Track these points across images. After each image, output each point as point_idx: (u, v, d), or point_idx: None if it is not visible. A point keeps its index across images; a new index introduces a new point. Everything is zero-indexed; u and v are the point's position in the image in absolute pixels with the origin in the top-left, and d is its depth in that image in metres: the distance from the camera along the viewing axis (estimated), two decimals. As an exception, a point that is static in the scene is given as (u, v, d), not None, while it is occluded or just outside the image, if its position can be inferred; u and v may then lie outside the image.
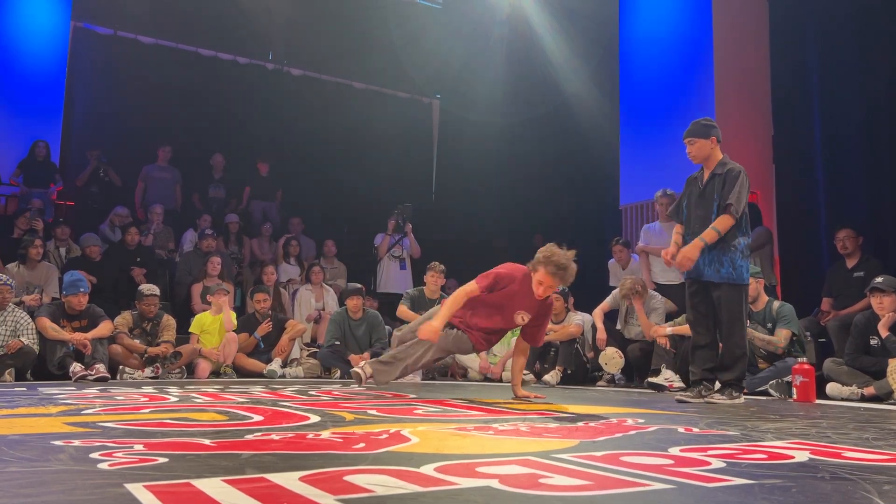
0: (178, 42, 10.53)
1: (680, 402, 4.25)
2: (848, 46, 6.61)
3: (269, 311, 7.04)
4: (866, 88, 6.42)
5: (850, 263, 6.02)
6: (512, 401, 4.25)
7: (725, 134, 7.10)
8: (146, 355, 6.18)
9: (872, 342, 4.98)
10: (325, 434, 2.50)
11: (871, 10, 6.40)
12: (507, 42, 10.77)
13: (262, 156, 10.19)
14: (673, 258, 4.35)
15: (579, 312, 6.88)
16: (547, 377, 6.25)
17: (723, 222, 4.15)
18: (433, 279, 6.87)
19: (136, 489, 1.49)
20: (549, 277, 4.05)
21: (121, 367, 6.07)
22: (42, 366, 5.75)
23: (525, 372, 6.29)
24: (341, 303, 7.40)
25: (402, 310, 6.84)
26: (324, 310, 7.93)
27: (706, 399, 4.25)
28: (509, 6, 10.41)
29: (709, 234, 4.15)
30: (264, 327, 6.85)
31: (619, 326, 6.47)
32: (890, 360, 4.58)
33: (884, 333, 4.83)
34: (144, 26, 10.12)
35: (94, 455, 1.93)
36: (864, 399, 4.74)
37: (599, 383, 6.36)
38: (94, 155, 9.15)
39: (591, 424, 2.93)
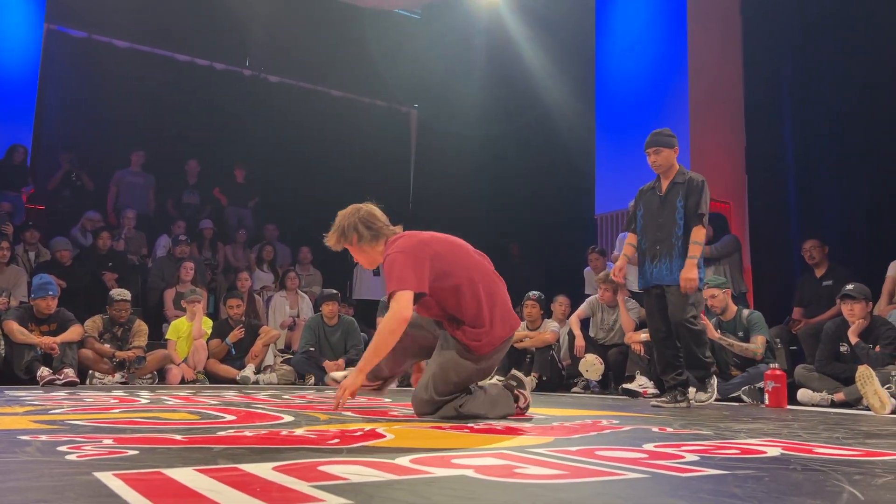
0: (154, 47, 10.44)
1: (655, 407, 4.28)
2: (819, 58, 6.76)
3: (242, 318, 6.97)
4: (837, 99, 6.56)
5: (819, 273, 6.13)
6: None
7: (699, 144, 7.27)
8: (115, 359, 6.08)
9: (842, 349, 5.05)
10: (299, 431, 2.47)
11: (842, 22, 6.54)
12: (486, 52, 10.84)
13: (238, 162, 10.13)
14: (619, 271, 4.59)
15: (554, 320, 6.90)
16: (522, 384, 6.24)
17: (698, 233, 4.25)
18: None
19: (106, 477, 1.46)
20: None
21: (90, 371, 5.97)
22: (9, 370, 5.63)
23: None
24: (317, 310, 7.36)
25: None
26: (298, 317, 7.87)
27: (681, 403, 4.28)
28: (488, 17, 10.48)
29: (695, 250, 4.22)
30: (236, 333, 6.77)
31: (593, 333, 6.50)
32: (859, 367, 4.65)
33: (853, 340, 4.90)
34: (120, 30, 10.02)
35: (62, 448, 1.89)
36: (834, 404, 4.81)
37: (574, 389, 6.37)
38: (67, 159, 9.03)
39: (567, 424, 2.94)
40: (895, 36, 6.15)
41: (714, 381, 4.39)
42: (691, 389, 4.44)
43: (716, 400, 4.91)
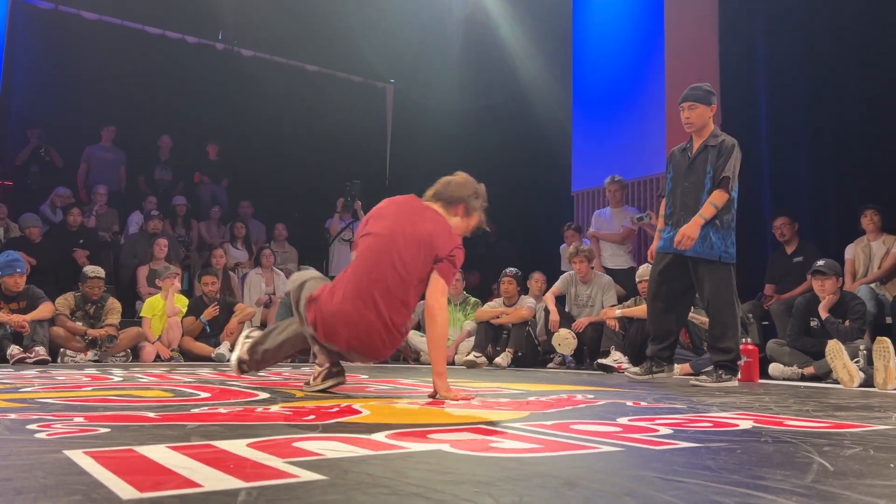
0: (124, 19, 10.17)
1: (629, 378, 4.28)
2: (794, 38, 6.79)
3: (217, 295, 6.91)
4: (810, 80, 6.61)
5: (790, 249, 6.22)
6: (462, 380, 4.26)
7: (675, 122, 7.25)
8: (87, 337, 6.01)
9: (813, 324, 5.14)
10: (275, 408, 2.46)
11: (815, 4, 6.57)
12: (463, 27, 10.73)
13: (212, 138, 9.98)
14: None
15: (531, 296, 6.94)
16: (498, 359, 6.29)
17: (719, 197, 3.96)
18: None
19: (76, 455, 1.43)
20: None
21: (62, 349, 5.90)
22: (-22, 349, 5.54)
23: (477, 355, 6.35)
24: (292, 286, 7.31)
25: None
26: (274, 294, 7.83)
27: (655, 375, 4.26)
28: (465, -8, 10.37)
29: (707, 210, 3.95)
30: (210, 311, 6.72)
31: (568, 309, 6.54)
32: (829, 342, 4.73)
33: (823, 315, 4.98)
34: (87, 1, 9.76)
35: (32, 426, 1.86)
36: (804, 378, 4.90)
37: (550, 365, 6.43)
38: (35, 134, 8.83)
39: (542, 399, 2.95)
40: (861, 20, 6.21)
41: (732, 376, 4.05)
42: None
43: (687, 374, 4.98)
